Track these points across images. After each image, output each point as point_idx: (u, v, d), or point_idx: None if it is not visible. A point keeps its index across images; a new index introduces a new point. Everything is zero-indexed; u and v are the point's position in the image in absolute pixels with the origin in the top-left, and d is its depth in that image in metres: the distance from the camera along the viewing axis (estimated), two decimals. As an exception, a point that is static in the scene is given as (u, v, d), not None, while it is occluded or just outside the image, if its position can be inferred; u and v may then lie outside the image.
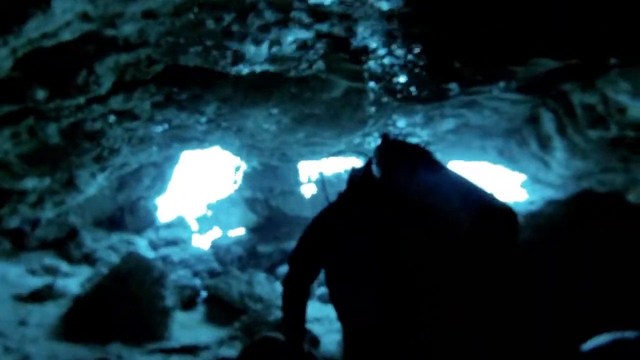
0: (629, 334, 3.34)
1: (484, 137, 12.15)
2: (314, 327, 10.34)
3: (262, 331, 9.96)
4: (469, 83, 8.32)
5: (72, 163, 10.85)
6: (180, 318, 11.02)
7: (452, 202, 2.45)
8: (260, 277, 13.04)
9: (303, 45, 7.65)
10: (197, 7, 6.50)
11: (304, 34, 7.40)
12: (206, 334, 10.81)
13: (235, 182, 18.19)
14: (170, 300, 10.66)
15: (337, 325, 3.31)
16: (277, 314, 10.29)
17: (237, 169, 17.87)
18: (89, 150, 10.64)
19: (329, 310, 10.77)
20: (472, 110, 10.59)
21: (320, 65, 8.28)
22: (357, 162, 14.84)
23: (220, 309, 12.14)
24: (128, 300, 10.00)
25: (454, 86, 8.40)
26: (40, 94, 7.53)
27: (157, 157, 13.90)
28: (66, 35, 6.43)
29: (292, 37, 7.36)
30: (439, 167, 2.84)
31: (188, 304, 12.43)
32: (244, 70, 8.13)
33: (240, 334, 10.26)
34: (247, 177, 17.80)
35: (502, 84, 8.28)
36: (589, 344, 3.34)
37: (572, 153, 9.53)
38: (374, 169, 3.14)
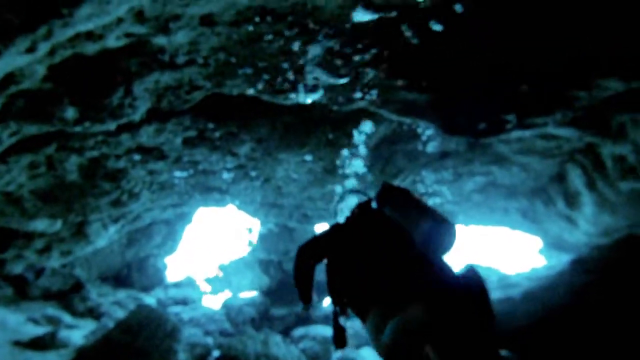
0: None
1: (508, 198, 11.83)
2: None
3: None
4: (528, 112, 7.87)
5: (87, 205, 10.10)
6: None
7: (415, 225, 3.93)
8: (277, 338, 12.23)
9: (356, 67, 7.00)
10: (258, 17, 5.86)
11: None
12: None
13: (250, 243, 17.47)
14: (181, 355, 9.76)
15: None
16: None
17: (251, 230, 17.21)
18: (108, 193, 9.91)
19: None
20: (501, 167, 10.35)
21: (373, 95, 7.63)
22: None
23: (234, 369, 11.26)
24: (137, 354, 9.17)
25: (512, 117, 7.97)
26: (70, 113, 6.83)
27: (171, 212, 13.21)
28: (112, 41, 5.78)
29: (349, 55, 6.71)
30: (417, 202, 4.14)
31: (199, 362, 11.52)
32: (294, 98, 7.47)
33: None
34: (262, 238, 17.16)
35: (559, 116, 7.88)
36: None
37: (602, 208, 9.34)
38: (373, 204, 4.62)
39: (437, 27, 5.94)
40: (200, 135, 9.00)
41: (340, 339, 4.26)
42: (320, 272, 4.43)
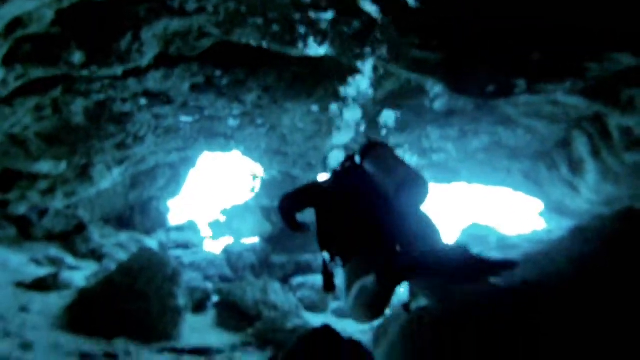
0: None
1: (512, 158, 11.70)
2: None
3: (277, 339, 9.46)
4: (538, 78, 7.71)
5: (92, 148, 10.06)
6: (189, 320, 10.22)
7: (388, 179, 4.03)
8: (276, 285, 12.29)
9: (372, 23, 6.83)
10: (271, -34, 5.71)
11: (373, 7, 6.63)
12: (217, 338, 10.12)
13: (252, 189, 17.40)
14: (181, 299, 9.83)
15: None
16: (294, 321, 10.05)
17: (255, 177, 17.11)
18: (113, 135, 9.85)
19: (344, 324, 10.70)
20: (507, 128, 10.26)
21: (383, 50, 7.49)
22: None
23: (232, 314, 11.36)
24: (138, 296, 9.16)
25: (521, 82, 7.82)
26: (77, 57, 6.72)
27: (175, 156, 13.14)
28: (121, -14, 5.64)
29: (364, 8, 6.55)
30: (391, 158, 4.29)
31: (198, 306, 11.61)
32: (303, 51, 7.32)
33: (254, 340, 9.75)
34: (265, 185, 17.04)
35: (568, 84, 7.73)
36: None
37: (605, 177, 9.23)
38: (357, 158, 4.67)
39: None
40: (207, 81, 8.88)
41: (329, 284, 4.47)
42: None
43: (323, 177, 5.06)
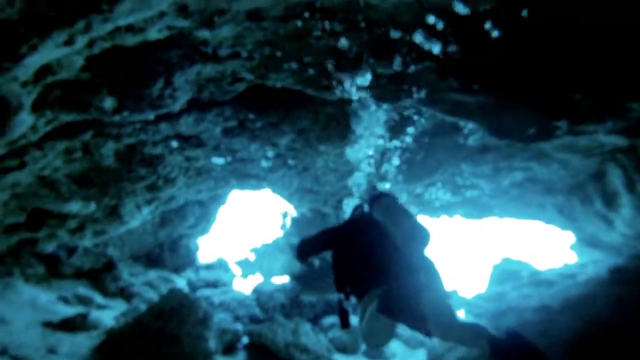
0: None
1: (545, 194, 11.44)
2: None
3: None
4: (580, 120, 7.44)
5: (123, 189, 9.92)
6: None
7: (396, 229, 4.75)
8: (307, 326, 12.04)
9: (411, 69, 6.62)
10: (307, 12, 5.50)
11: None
12: None
13: (283, 227, 17.18)
14: (212, 342, 9.63)
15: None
16: None
17: (285, 215, 16.91)
18: (143, 178, 9.70)
19: None
20: (541, 162, 10.03)
21: (422, 94, 7.25)
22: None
23: (263, 357, 11.19)
24: (168, 339, 9.04)
25: (563, 124, 7.57)
26: (108, 103, 6.56)
27: (205, 194, 13.00)
28: (153, 34, 5.47)
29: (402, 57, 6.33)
30: (398, 210, 5.01)
31: (228, 349, 11.34)
32: (339, 93, 7.12)
33: None
34: (295, 223, 16.80)
35: (610, 124, 7.45)
36: None
37: None
38: (365, 207, 5.55)
39: (495, 33, 5.52)
40: (240, 124, 8.73)
41: (344, 321, 5.12)
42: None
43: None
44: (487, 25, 5.48)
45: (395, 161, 10.49)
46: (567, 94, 6.73)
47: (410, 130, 9.75)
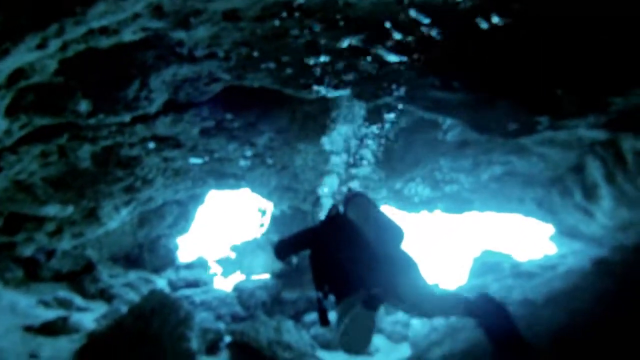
0: None
1: (525, 187, 11.46)
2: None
3: None
4: (562, 115, 7.47)
5: (100, 192, 9.80)
6: None
7: (370, 228, 4.96)
8: (289, 324, 11.98)
9: (390, 67, 6.58)
10: (285, 12, 5.45)
11: (394, 57, 6.38)
12: None
13: (262, 225, 17.10)
14: (194, 342, 9.55)
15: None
16: None
17: (264, 212, 16.82)
18: (121, 179, 9.59)
19: None
20: (521, 156, 10.07)
21: (401, 91, 7.23)
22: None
23: (246, 356, 11.04)
24: (150, 340, 8.90)
25: (544, 119, 7.59)
26: (83, 106, 6.48)
27: (183, 194, 12.91)
28: (127, 35, 5.39)
29: (383, 57, 6.30)
30: (371, 209, 5.31)
31: (211, 348, 11.24)
32: (319, 92, 7.12)
33: None
34: (275, 220, 16.72)
35: (591, 119, 7.47)
36: None
37: (620, 202, 8.96)
38: (340, 207, 5.63)
39: (484, 25, 5.50)
40: (217, 125, 8.66)
41: (323, 318, 5.22)
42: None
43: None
44: (474, 20, 5.46)
45: (369, 157, 10.50)
46: (549, 90, 6.75)
47: (388, 126, 9.74)
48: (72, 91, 6.20)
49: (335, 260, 5.00)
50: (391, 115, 9.36)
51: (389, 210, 14.67)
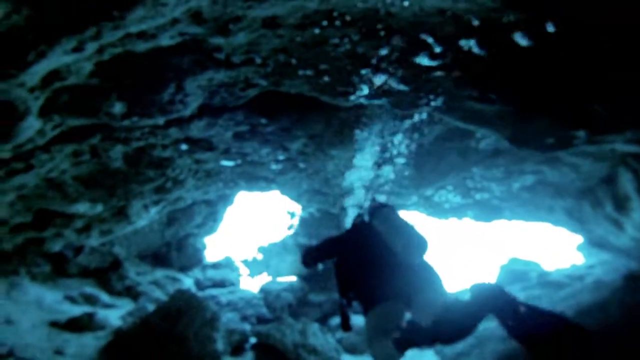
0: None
1: (555, 196, 11.26)
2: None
3: None
4: (600, 131, 7.22)
5: (130, 191, 9.76)
6: None
7: (396, 239, 4.96)
8: (315, 327, 11.90)
9: (428, 77, 6.41)
10: (326, 20, 5.30)
11: (429, 62, 6.21)
12: None
13: (290, 227, 17.02)
14: (220, 344, 9.47)
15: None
16: None
17: (293, 214, 16.74)
18: (152, 179, 9.54)
19: None
20: (552, 166, 9.92)
21: (439, 102, 7.05)
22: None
23: (271, 358, 11.03)
24: (176, 340, 8.85)
25: (581, 134, 7.35)
26: (118, 108, 6.39)
27: (213, 195, 12.84)
28: (165, 40, 5.29)
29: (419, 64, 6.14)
30: (396, 220, 5.23)
31: (236, 349, 11.22)
32: (355, 100, 6.94)
33: None
34: (303, 223, 16.64)
35: (629, 135, 7.22)
36: None
37: None
38: (366, 217, 5.78)
39: (523, 42, 5.31)
40: (251, 129, 8.54)
41: (345, 324, 5.42)
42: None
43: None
44: (514, 35, 5.27)
45: (402, 166, 10.37)
46: (588, 105, 6.53)
47: (422, 135, 9.59)
48: (107, 93, 6.12)
49: (360, 269, 5.11)
50: (426, 124, 9.21)
51: (418, 216, 14.63)
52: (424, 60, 6.21)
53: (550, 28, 5.02)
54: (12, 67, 4.57)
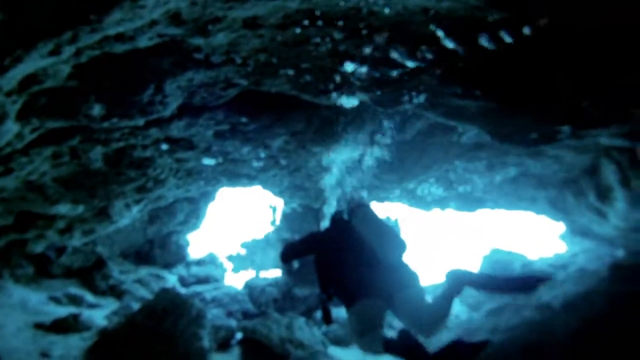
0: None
1: (538, 188, 11.45)
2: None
3: None
4: (584, 125, 7.28)
5: (112, 191, 9.68)
6: None
7: (375, 239, 5.23)
8: (301, 321, 11.87)
9: (408, 73, 6.40)
10: (307, 20, 5.26)
11: (415, 66, 6.20)
12: None
13: (273, 222, 16.95)
14: (206, 340, 9.44)
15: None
16: None
17: (275, 209, 16.66)
18: (133, 179, 9.46)
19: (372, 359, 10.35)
20: (535, 158, 10.03)
21: (421, 98, 7.05)
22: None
23: (258, 353, 10.94)
24: (162, 339, 8.81)
25: (566, 129, 7.42)
26: (97, 110, 6.33)
27: (195, 192, 12.77)
28: (143, 42, 5.22)
29: (400, 62, 6.13)
30: (375, 220, 5.48)
31: (222, 345, 11.11)
32: (336, 98, 6.92)
33: None
34: (286, 218, 16.56)
35: (614, 129, 7.33)
36: None
37: (634, 205, 9.02)
38: (345, 215, 5.92)
39: (508, 40, 5.31)
40: (232, 128, 8.49)
41: (327, 318, 5.51)
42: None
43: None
44: (499, 33, 5.27)
45: (384, 160, 10.40)
46: (573, 100, 6.56)
47: (402, 131, 9.63)
48: (85, 95, 6.06)
49: (340, 266, 5.29)
50: (408, 120, 9.23)
51: (401, 208, 14.68)
52: (406, 59, 6.20)
53: (533, 27, 5.03)
54: (-13, 73, 4.49)
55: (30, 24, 4.08)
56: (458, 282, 4.95)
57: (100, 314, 10.78)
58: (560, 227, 12.56)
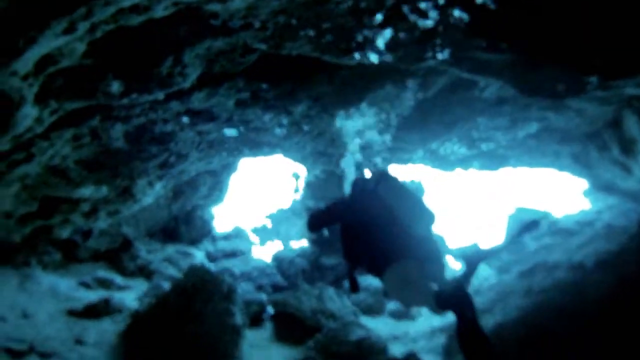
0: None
1: (561, 142, 11.25)
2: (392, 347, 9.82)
3: (341, 351, 9.06)
4: (612, 75, 6.98)
5: (134, 169, 9.58)
6: (247, 336, 9.73)
7: (406, 211, 5.15)
8: (331, 291, 11.87)
9: (434, 30, 6.15)
10: (328, -25, 5.03)
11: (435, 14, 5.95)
12: (278, 354, 9.95)
13: (297, 190, 16.82)
14: (238, 316, 9.36)
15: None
16: (357, 332, 9.60)
17: (298, 177, 16.50)
18: (155, 156, 9.37)
19: (402, 326, 11.18)
20: (558, 112, 9.77)
21: (445, 54, 6.79)
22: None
23: (290, 326, 10.97)
24: (195, 318, 8.69)
25: (594, 79, 7.12)
26: (115, 87, 6.16)
27: (217, 164, 12.64)
28: (159, 11, 5.02)
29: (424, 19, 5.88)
30: (405, 193, 5.43)
31: (254, 320, 11.12)
32: (359, 58, 6.69)
33: (315, 354, 9.43)
34: (309, 186, 16.42)
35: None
36: None
37: None
38: (368, 181, 5.94)
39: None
40: (253, 95, 8.30)
41: (354, 286, 5.60)
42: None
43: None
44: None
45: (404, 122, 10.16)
46: (600, 50, 6.29)
47: (424, 89, 9.39)
48: (103, 72, 5.90)
49: (366, 234, 5.24)
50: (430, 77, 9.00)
51: (423, 169, 14.52)
52: (432, 11, 5.97)
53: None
54: (2, 56, 4.35)
55: (42, 2, 3.91)
56: (472, 262, 4.87)
57: (130, 295, 10.74)
58: (583, 184, 12.45)
